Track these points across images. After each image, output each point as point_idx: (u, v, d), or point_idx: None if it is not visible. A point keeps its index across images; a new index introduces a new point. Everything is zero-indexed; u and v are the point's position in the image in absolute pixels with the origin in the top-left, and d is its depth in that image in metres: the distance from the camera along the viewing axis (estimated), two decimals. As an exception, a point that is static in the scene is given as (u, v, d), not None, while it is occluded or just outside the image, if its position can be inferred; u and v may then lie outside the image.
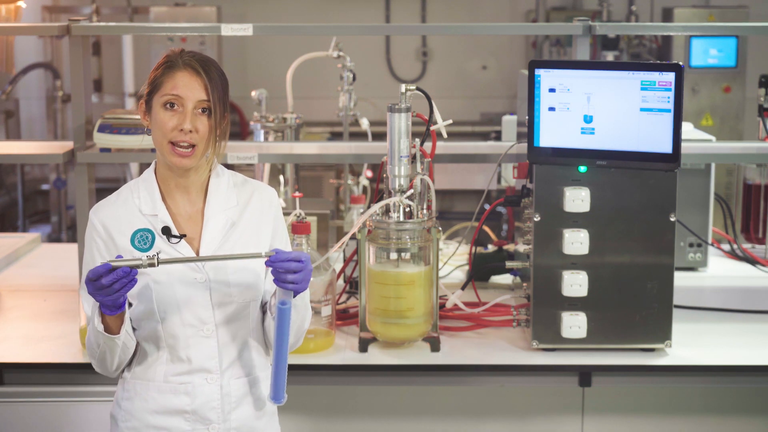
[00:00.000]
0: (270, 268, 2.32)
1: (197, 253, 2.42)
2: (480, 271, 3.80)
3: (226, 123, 2.46)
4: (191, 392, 2.42)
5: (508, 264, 3.40)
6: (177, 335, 2.40)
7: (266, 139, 4.07)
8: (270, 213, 2.52)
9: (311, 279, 3.10)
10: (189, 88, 2.39)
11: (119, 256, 2.28)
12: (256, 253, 2.32)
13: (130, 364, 2.47)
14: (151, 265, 2.25)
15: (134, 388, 2.45)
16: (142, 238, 2.41)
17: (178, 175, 2.44)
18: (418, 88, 3.21)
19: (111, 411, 2.52)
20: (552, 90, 3.08)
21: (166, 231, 2.41)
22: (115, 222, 2.42)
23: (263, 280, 2.47)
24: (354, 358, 3.18)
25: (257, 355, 2.50)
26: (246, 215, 2.48)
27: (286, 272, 2.30)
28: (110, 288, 2.23)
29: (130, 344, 2.42)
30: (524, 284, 3.34)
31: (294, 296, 2.36)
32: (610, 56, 7.54)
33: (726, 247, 4.24)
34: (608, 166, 3.07)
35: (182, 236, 2.42)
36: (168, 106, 2.39)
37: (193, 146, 2.38)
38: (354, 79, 4.13)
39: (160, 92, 2.40)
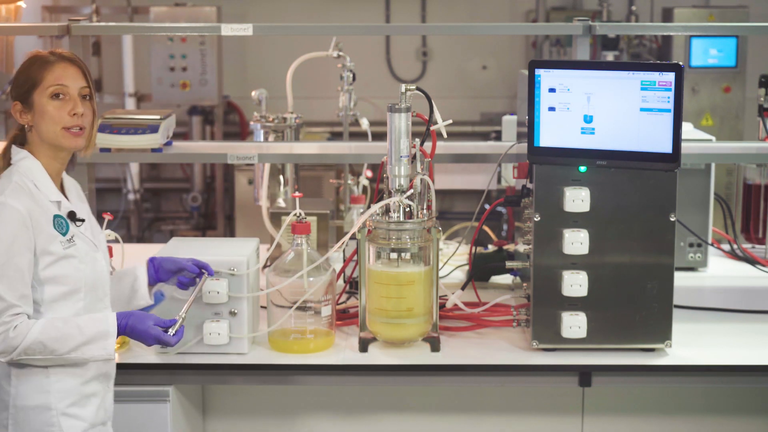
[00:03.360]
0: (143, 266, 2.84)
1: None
2: (480, 271, 3.80)
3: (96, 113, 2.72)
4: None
5: (508, 264, 3.40)
6: (99, 309, 2.70)
7: (266, 139, 4.07)
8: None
9: (311, 279, 3.12)
10: (71, 77, 2.61)
11: (174, 321, 2.72)
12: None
13: None
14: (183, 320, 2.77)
15: (63, 368, 2.61)
16: (59, 223, 2.60)
17: (59, 162, 2.65)
18: (418, 88, 3.21)
19: (20, 406, 2.60)
20: (552, 90, 3.08)
21: (71, 216, 2.64)
22: (37, 209, 2.57)
23: None
24: (354, 358, 3.18)
25: None
26: (86, 201, 2.79)
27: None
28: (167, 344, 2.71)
29: None
30: (524, 284, 3.34)
31: None
32: (610, 56, 7.54)
33: (726, 247, 4.24)
34: (608, 166, 3.07)
35: (83, 220, 2.66)
36: (54, 96, 2.59)
37: (82, 128, 2.62)
38: (354, 79, 4.13)
39: (41, 86, 2.60)
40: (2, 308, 2.51)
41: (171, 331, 2.68)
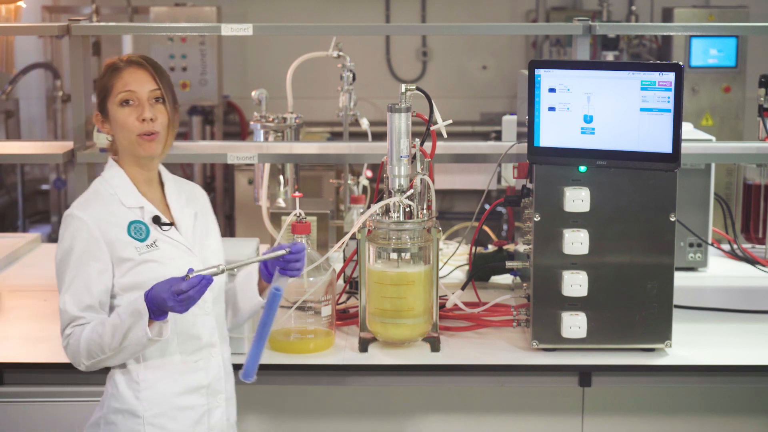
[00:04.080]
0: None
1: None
2: (480, 271, 3.80)
3: (177, 115, 2.62)
4: (205, 367, 2.59)
5: (508, 264, 3.40)
6: (186, 315, 2.50)
7: (266, 139, 4.07)
8: (209, 208, 2.75)
9: (312, 279, 3.12)
10: (139, 81, 2.53)
11: (191, 270, 2.38)
12: (280, 251, 2.51)
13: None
14: (223, 271, 2.42)
15: (154, 375, 2.54)
16: (137, 229, 2.54)
17: (145, 168, 2.59)
18: (418, 88, 3.20)
19: (114, 408, 2.54)
20: (552, 90, 3.08)
21: (156, 220, 2.56)
22: (107, 217, 2.53)
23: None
24: (354, 358, 3.18)
25: (226, 330, 2.73)
26: (200, 208, 2.70)
27: (297, 261, 2.51)
28: (193, 298, 2.37)
29: None
30: (524, 284, 3.34)
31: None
32: (610, 56, 7.54)
33: (726, 247, 4.24)
34: (608, 166, 3.07)
35: (171, 223, 2.58)
36: (124, 103, 2.52)
37: (154, 133, 2.53)
38: (354, 79, 4.13)
39: (112, 95, 2.54)
40: (66, 321, 2.51)
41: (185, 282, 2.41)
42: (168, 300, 2.37)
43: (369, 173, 4.56)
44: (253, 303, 2.67)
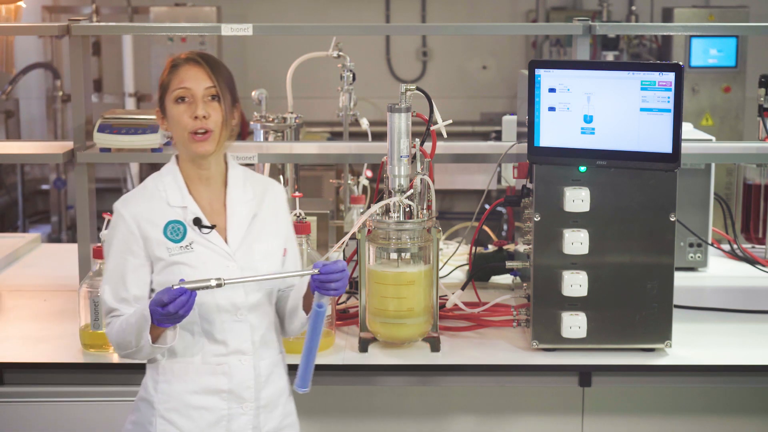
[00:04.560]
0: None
1: (225, 241, 2.54)
2: (480, 271, 3.80)
3: (237, 113, 2.59)
4: (228, 372, 2.54)
5: (508, 264, 3.40)
6: (213, 320, 2.52)
7: (266, 139, 4.06)
8: (283, 207, 2.67)
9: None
10: (194, 79, 2.51)
11: (181, 280, 2.37)
12: (309, 270, 2.46)
13: None
14: (219, 285, 2.37)
15: (171, 371, 2.55)
16: (174, 230, 2.52)
17: (201, 167, 2.56)
18: (418, 88, 3.20)
19: (141, 396, 2.59)
20: (552, 90, 3.08)
21: (197, 222, 2.53)
22: (146, 214, 2.52)
23: (282, 269, 2.62)
24: (354, 358, 3.18)
25: (277, 337, 2.65)
26: (264, 208, 2.62)
27: (330, 282, 2.44)
28: (174, 315, 2.36)
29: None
30: (524, 284, 3.34)
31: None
32: (610, 56, 7.54)
33: (726, 247, 4.24)
34: (608, 166, 3.07)
35: (212, 227, 2.53)
36: (179, 100, 2.51)
37: (207, 131, 2.50)
38: (354, 79, 4.12)
39: (169, 91, 2.52)
40: (106, 310, 2.55)
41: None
42: (154, 312, 2.38)
43: (369, 173, 4.56)
44: (300, 317, 2.60)
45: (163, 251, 2.50)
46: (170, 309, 2.34)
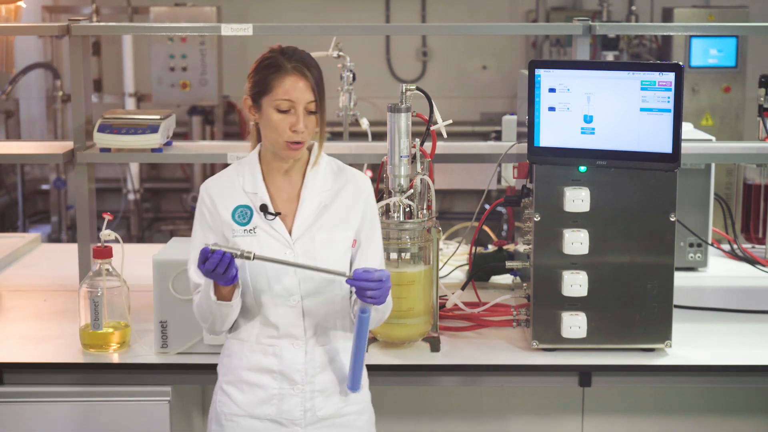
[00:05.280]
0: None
1: (290, 231, 2.63)
2: (480, 271, 3.80)
3: (324, 114, 2.68)
4: (278, 354, 2.64)
5: (508, 264, 3.40)
6: (266, 304, 2.63)
7: (266, 139, 4.06)
8: (361, 200, 2.71)
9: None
10: (300, 91, 2.58)
11: (216, 244, 2.49)
12: (340, 271, 2.54)
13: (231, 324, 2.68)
14: (246, 257, 2.48)
15: (231, 347, 2.69)
16: (242, 214, 2.65)
17: (283, 161, 2.66)
18: (418, 88, 3.21)
19: (218, 366, 2.75)
20: (552, 90, 3.08)
21: (263, 208, 2.64)
22: (221, 196, 2.66)
23: (348, 262, 2.68)
24: (354, 358, 3.17)
25: (341, 327, 2.69)
26: (338, 199, 2.69)
27: (365, 289, 2.49)
28: (214, 272, 2.48)
29: (239, 306, 2.63)
30: (524, 284, 3.34)
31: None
32: (610, 56, 7.54)
33: (726, 247, 4.24)
34: (608, 166, 3.07)
35: (277, 214, 2.64)
36: (281, 110, 2.58)
37: (302, 142, 2.60)
38: (354, 79, 4.12)
39: (270, 95, 2.58)
40: (192, 287, 2.69)
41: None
42: (201, 270, 2.51)
43: (369, 173, 4.56)
44: (351, 317, 2.68)
45: (228, 232, 2.63)
46: (207, 266, 2.47)
